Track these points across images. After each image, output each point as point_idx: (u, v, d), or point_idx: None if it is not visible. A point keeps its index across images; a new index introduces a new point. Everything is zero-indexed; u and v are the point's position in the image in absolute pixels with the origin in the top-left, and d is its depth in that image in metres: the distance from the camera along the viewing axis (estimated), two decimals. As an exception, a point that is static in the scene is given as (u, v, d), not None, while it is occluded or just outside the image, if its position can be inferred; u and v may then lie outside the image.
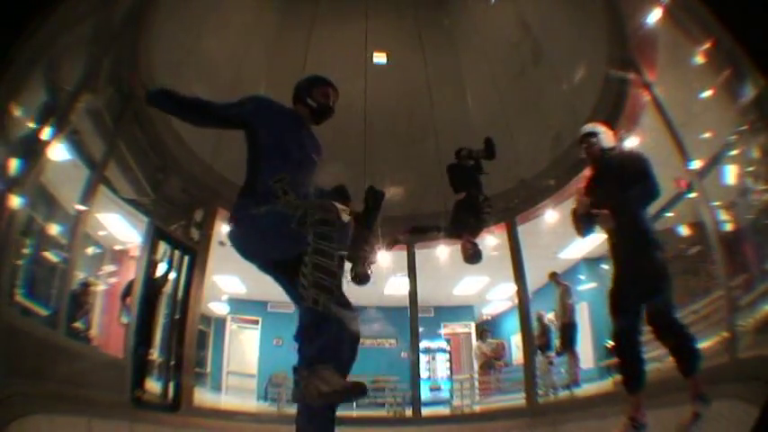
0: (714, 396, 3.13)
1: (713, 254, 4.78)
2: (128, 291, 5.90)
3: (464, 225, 4.26)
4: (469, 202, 4.36)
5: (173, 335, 6.24)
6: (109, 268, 6.72)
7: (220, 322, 11.29)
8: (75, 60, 4.57)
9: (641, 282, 2.99)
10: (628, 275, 3.10)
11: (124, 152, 5.66)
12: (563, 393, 6.72)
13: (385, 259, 8.33)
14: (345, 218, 1.92)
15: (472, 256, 4.20)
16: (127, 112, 5.64)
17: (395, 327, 10.82)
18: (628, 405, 3.05)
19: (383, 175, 5.51)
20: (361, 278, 2.80)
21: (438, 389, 10.48)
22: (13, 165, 3.60)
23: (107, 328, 6.11)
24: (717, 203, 4.82)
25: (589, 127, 3.40)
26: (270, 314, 11.42)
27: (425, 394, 8.69)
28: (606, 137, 3.31)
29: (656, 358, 5.54)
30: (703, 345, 4.59)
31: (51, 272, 4.91)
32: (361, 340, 2.01)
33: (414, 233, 4.48)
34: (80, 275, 5.64)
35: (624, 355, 3.11)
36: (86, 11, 4.16)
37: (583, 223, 3.29)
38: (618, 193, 3.02)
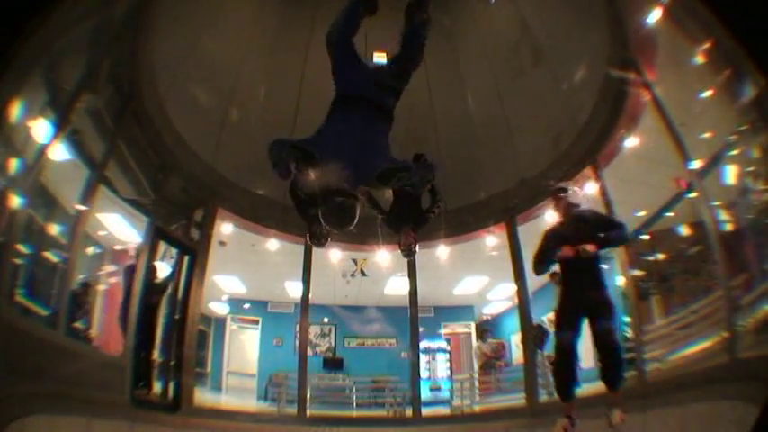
0: (714, 396, 3.14)
1: (713, 254, 4.78)
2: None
3: (403, 221, 4.24)
4: (414, 198, 4.44)
5: (173, 335, 6.25)
6: (109, 268, 6.72)
7: (220, 322, 11.29)
8: (75, 60, 4.57)
9: (590, 306, 3.53)
10: (576, 299, 3.63)
11: (124, 152, 5.66)
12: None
13: (385, 259, 8.35)
14: None
15: (407, 251, 4.30)
16: (127, 112, 5.64)
17: (395, 327, 10.81)
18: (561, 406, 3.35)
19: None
20: None
21: (438, 389, 10.48)
22: (13, 165, 3.61)
23: (107, 328, 6.11)
24: (717, 203, 4.82)
25: (561, 184, 4.05)
26: (270, 314, 11.43)
27: (425, 394, 8.69)
28: (575, 195, 3.93)
29: (657, 358, 5.56)
30: (703, 345, 4.60)
31: (51, 272, 4.91)
32: (361, 340, 2.08)
33: (367, 199, 4.57)
34: (80, 275, 5.64)
35: (561, 366, 3.63)
36: (86, 11, 4.16)
37: (542, 263, 3.97)
38: (595, 235, 3.59)
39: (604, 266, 3.75)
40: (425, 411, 7.45)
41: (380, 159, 2.46)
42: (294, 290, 9.41)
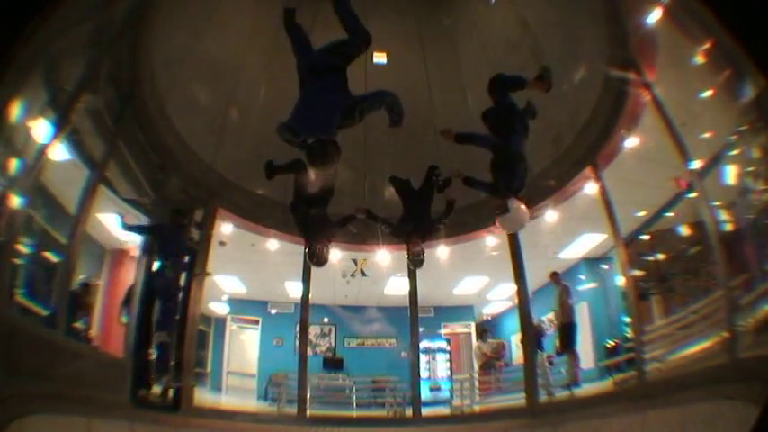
0: (714, 396, 3.14)
1: (713, 254, 4.78)
2: (129, 297, 5.87)
3: (411, 232, 4.53)
4: (422, 208, 4.63)
5: (173, 335, 6.24)
6: (109, 268, 6.72)
7: (220, 322, 11.29)
8: (75, 60, 4.57)
9: None
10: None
11: (124, 152, 5.66)
12: (563, 393, 6.71)
13: (385, 259, 8.35)
14: None
15: (416, 261, 4.52)
16: (127, 112, 5.64)
17: (395, 327, 10.82)
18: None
19: (383, 175, 5.52)
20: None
21: (438, 389, 10.49)
22: (13, 165, 3.61)
23: (107, 328, 6.11)
24: (717, 203, 4.82)
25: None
26: (270, 314, 11.44)
27: (425, 394, 8.69)
28: None
29: (657, 358, 5.57)
30: (703, 345, 4.60)
31: (51, 272, 4.91)
32: (361, 340, 2.18)
33: (367, 216, 4.68)
34: (80, 275, 5.65)
35: None
36: (86, 11, 4.16)
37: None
38: None
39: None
40: (425, 411, 7.45)
41: (341, 102, 3.07)
42: (294, 290, 9.42)
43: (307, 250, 4.17)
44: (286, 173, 3.97)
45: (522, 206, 3.76)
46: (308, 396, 7.29)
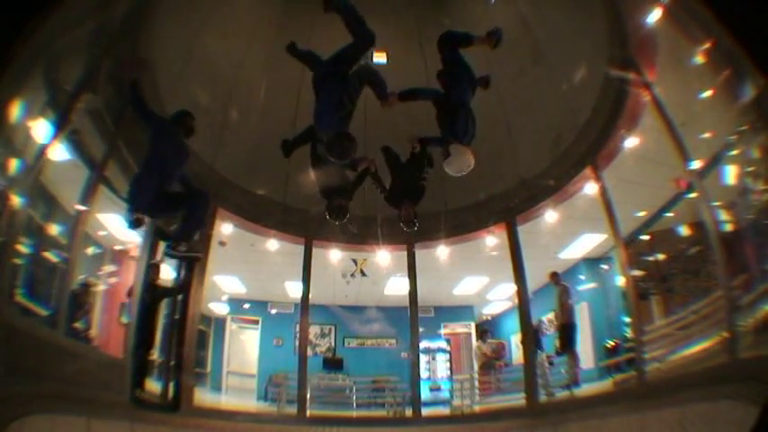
0: (714, 396, 3.14)
1: (713, 254, 4.78)
2: (129, 297, 5.83)
3: (402, 197, 4.67)
4: (409, 174, 4.80)
5: (173, 335, 6.24)
6: (109, 268, 6.72)
7: (220, 322, 11.29)
8: (75, 60, 4.57)
9: None
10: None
11: (124, 152, 5.66)
12: (563, 393, 6.71)
13: (385, 259, 8.35)
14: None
15: (408, 222, 4.58)
16: (127, 112, 5.64)
17: (395, 327, 10.82)
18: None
19: (384, 172, 5.52)
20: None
21: (438, 389, 10.48)
22: (13, 165, 3.61)
23: (107, 328, 6.11)
24: (717, 203, 4.83)
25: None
26: (270, 314, 11.44)
27: (425, 394, 8.69)
28: None
29: (657, 358, 5.57)
30: (703, 345, 4.61)
31: (51, 272, 4.91)
32: (361, 340, 2.22)
33: (371, 174, 4.84)
34: (80, 275, 5.64)
35: None
36: (86, 11, 4.16)
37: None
38: None
39: None
40: (425, 411, 7.46)
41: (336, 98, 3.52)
42: (294, 290, 9.42)
43: (326, 209, 4.25)
44: (302, 144, 4.24)
45: (465, 149, 3.90)
46: (308, 396, 7.30)
